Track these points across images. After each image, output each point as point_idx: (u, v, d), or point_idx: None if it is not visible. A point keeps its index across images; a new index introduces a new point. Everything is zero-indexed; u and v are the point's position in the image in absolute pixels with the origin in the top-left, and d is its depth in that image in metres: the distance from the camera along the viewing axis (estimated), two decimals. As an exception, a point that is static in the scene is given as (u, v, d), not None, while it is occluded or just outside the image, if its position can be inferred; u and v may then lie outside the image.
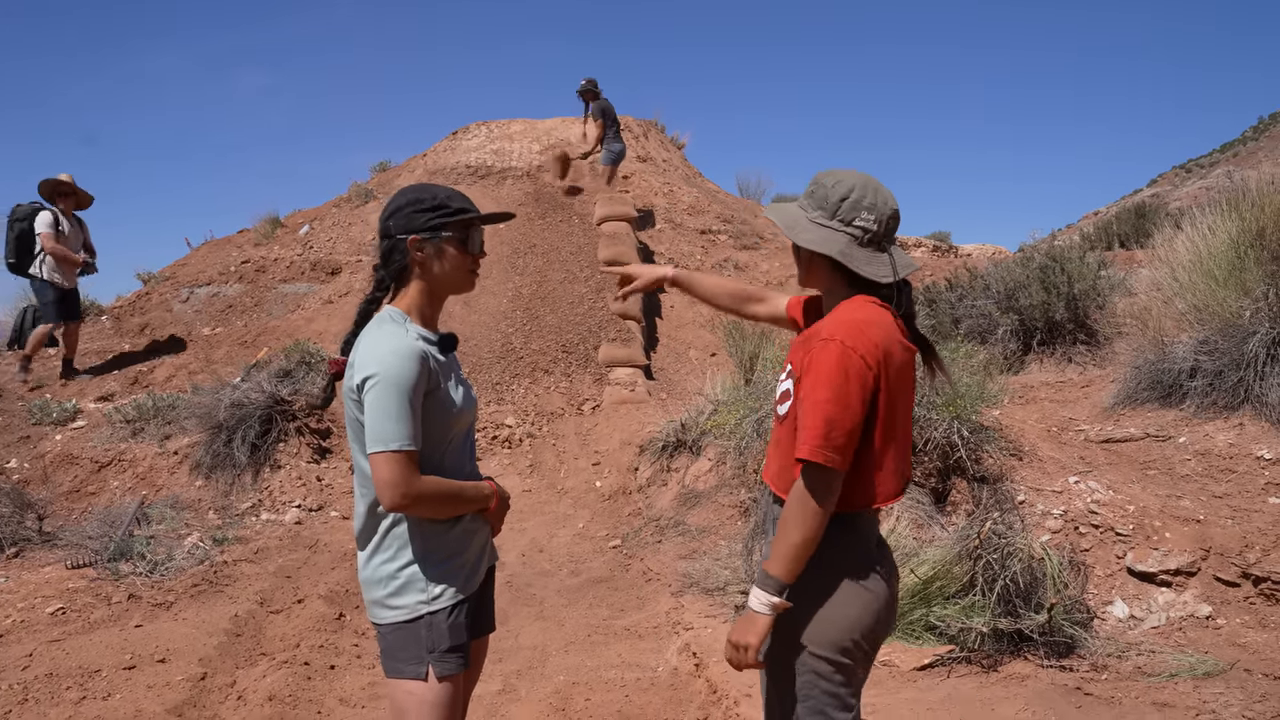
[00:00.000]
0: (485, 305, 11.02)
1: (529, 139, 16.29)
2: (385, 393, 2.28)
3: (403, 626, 2.40)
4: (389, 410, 2.28)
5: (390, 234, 2.46)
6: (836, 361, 2.19)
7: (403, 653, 2.40)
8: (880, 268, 2.34)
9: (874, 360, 2.21)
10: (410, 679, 2.39)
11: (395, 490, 2.28)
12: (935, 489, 5.60)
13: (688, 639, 4.75)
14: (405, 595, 2.40)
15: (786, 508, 2.23)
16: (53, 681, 4.39)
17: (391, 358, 2.31)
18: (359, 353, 2.37)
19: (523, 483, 8.22)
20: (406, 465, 2.29)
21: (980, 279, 9.31)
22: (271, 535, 6.95)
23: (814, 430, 2.17)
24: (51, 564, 6.15)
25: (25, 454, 8.10)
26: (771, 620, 2.25)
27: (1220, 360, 5.78)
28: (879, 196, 2.34)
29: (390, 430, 2.27)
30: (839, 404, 2.17)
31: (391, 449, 2.27)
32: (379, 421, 2.28)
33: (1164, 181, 68.63)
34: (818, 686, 2.31)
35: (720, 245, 13.77)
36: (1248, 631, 4.39)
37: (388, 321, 2.43)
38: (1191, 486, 5.30)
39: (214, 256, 13.83)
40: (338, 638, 5.13)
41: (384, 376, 2.29)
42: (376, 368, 2.30)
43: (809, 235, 2.37)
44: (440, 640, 2.39)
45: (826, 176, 2.40)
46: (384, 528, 2.42)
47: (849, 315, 2.29)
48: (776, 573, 2.22)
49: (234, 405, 7.93)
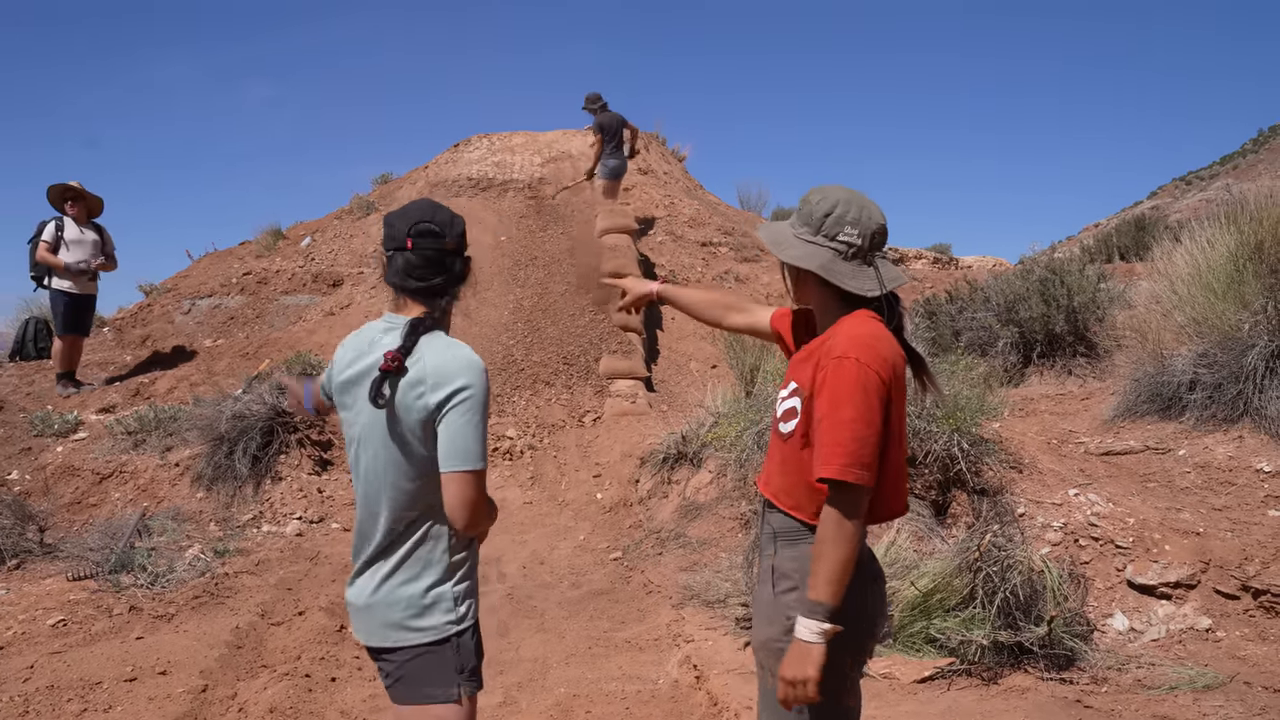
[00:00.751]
0: (486, 317, 11.05)
1: (530, 151, 16.33)
2: (476, 409, 2.27)
3: (430, 650, 2.35)
4: (478, 428, 2.26)
5: (462, 249, 2.47)
6: (855, 379, 2.21)
7: (430, 677, 2.35)
8: (865, 281, 2.37)
9: (886, 375, 2.24)
10: (442, 704, 2.34)
11: (477, 510, 2.28)
12: (935, 501, 5.61)
13: (689, 651, 4.76)
14: (431, 616, 2.35)
15: (821, 531, 2.22)
16: (54, 694, 4.40)
17: (481, 372, 2.29)
18: (431, 366, 2.30)
19: (524, 495, 8.22)
20: (478, 483, 2.28)
21: (980, 291, 9.34)
22: (273, 547, 6.96)
23: (842, 448, 2.17)
24: (53, 576, 6.16)
25: (27, 465, 8.12)
26: (825, 649, 2.19)
27: (1219, 373, 5.79)
28: (864, 212, 2.38)
29: (478, 449, 2.26)
30: (864, 421, 2.19)
31: (480, 468, 2.27)
32: (470, 439, 2.25)
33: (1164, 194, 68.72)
34: (825, 698, 2.33)
35: (721, 257, 13.80)
36: (1247, 644, 4.40)
37: (442, 335, 2.40)
38: (1191, 499, 5.31)
39: (216, 268, 13.87)
40: (339, 650, 5.13)
41: (478, 393, 2.27)
42: (468, 379, 2.27)
43: (793, 251, 2.41)
44: (468, 660, 2.37)
45: (814, 193, 2.44)
46: (408, 548, 2.37)
47: (856, 331, 2.31)
48: (824, 598, 2.18)
49: (235, 417, 7.94)
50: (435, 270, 2.42)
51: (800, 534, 2.39)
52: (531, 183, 15.25)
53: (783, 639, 2.34)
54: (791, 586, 2.37)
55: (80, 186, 9.78)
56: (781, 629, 2.35)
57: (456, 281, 2.46)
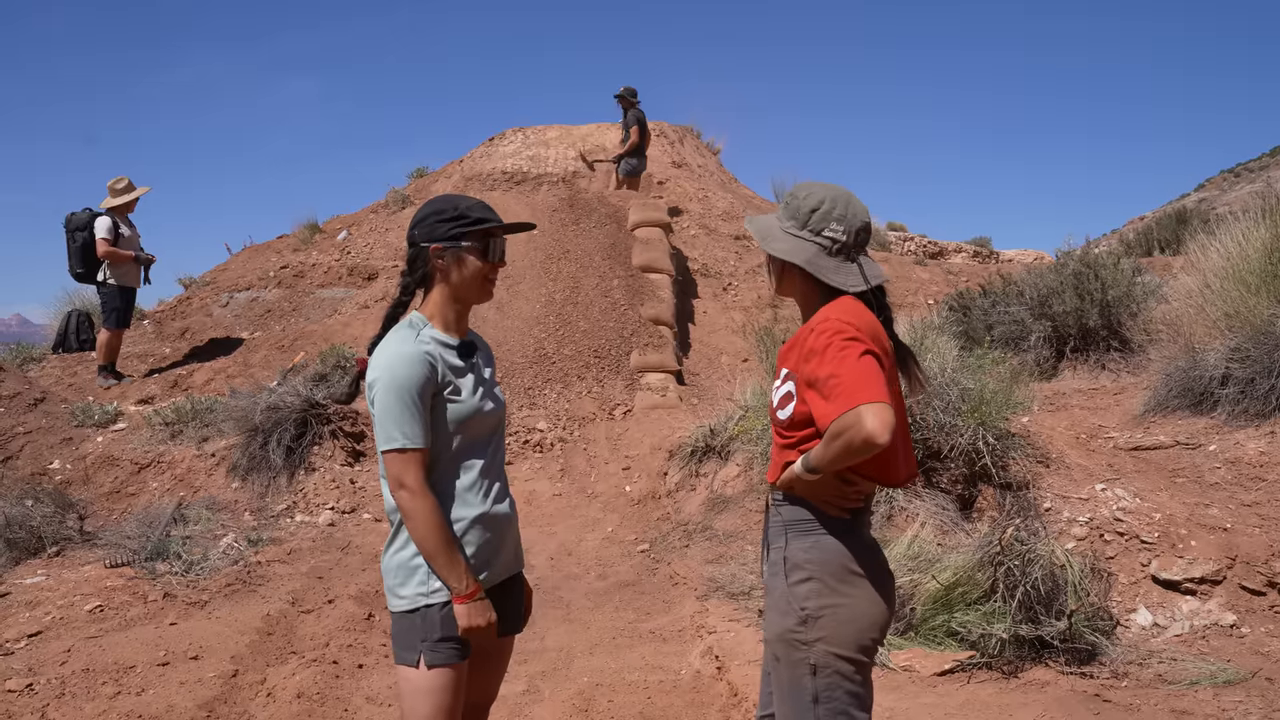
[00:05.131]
0: (518, 310, 11.11)
1: (564, 145, 16.39)
2: (385, 395, 2.44)
3: (405, 615, 2.53)
4: (390, 411, 2.44)
5: (415, 242, 2.59)
6: (837, 334, 2.26)
7: (402, 640, 2.54)
8: (849, 277, 2.42)
9: (867, 334, 2.28)
10: (406, 665, 2.53)
11: (393, 484, 2.46)
12: (961, 495, 5.60)
13: (711, 642, 4.79)
14: (408, 586, 2.53)
15: (835, 426, 2.20)
16: (89, 677, 4.51)
17: (394, 360, 2.46)
18: (373, 357, 2.52)
19: (553, 487, 8.28)
20: (402, 463, 2.44)
21: (1014, 285, 9.26)
22: (305, 537, 7.06)
23: (848, 387, 2.18)
24: (91, 563, 6.29)
25: (67, 455, 8.29)
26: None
27: (1252, 368, 5.73)
28: (849, 209, 2.42)
29: (389, 431, 2.44)
30: (852, 363, 2.21)
31: (390, 448, 2.44)
32: (381, 422, 2.45)
33: (1211, 186, 67.65)
34: (840, 688, 2.35)
35: (754, 251, 13.77)
36: (1272, 640, 4.36)
37: (404, 326, 2.57)
38: (1220, 495, 5.26)
39: (253, 262, 14.05)
40: (366, 637, 5.21)
41: (384, 379, 2.45)
42: (378, 371, 2.47)
43: (779, 245, 2.47)
44: (431, 631, 2.50)
45: (800, 188, 2.48)
46: (398, 520, 2.54)
47: (835, 306, 2.38)
48: (813, 462, 2.29)
49: (270, 409, 8.06)
50: (410, 267, 2.63)
51: (811, 524, 2.41)
52: (566, 176, 15.30)
53: (799, 630, 2.37)
54: (805, 577, 2.39)
55: (130, 184, 10.01)
56: (797, 619, 2.37)
57: (412, 272, 2.64)
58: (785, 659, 2.41)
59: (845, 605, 2.36)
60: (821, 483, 2.35)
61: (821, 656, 2.35)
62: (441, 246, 2.56)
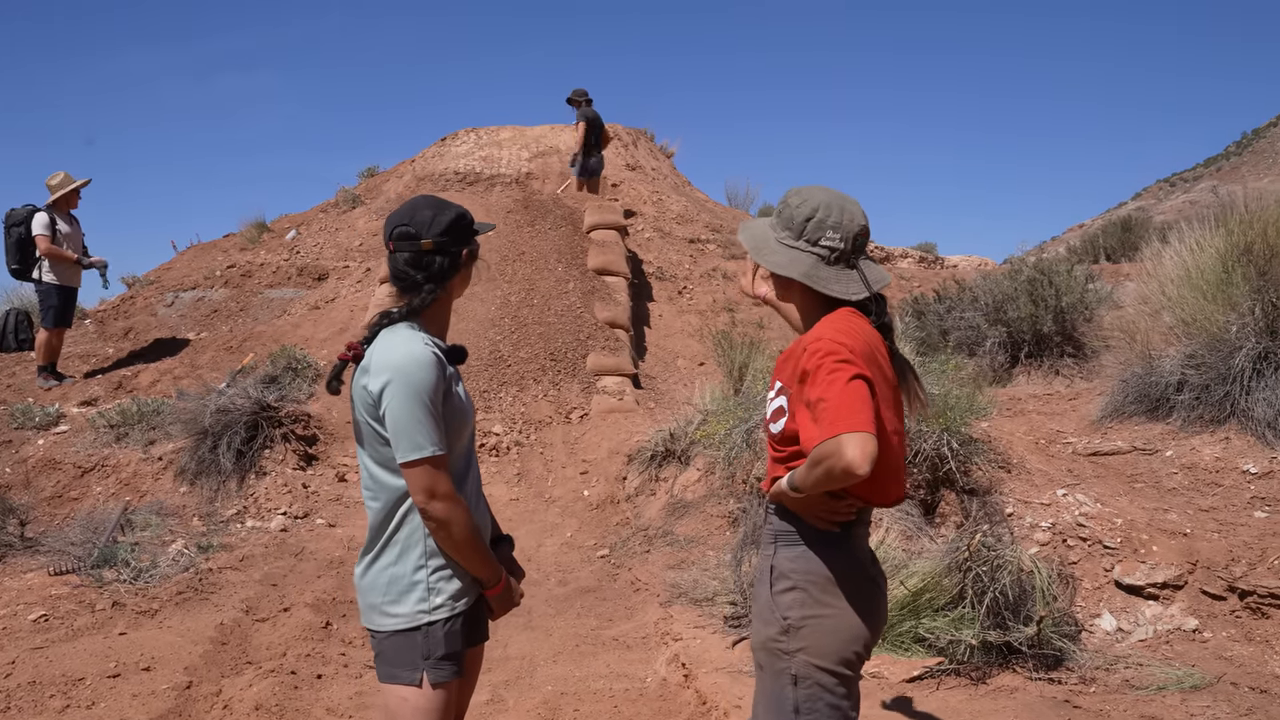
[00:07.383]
0: (473, 313, 10.99)
1: (518, 146, 16.28)
2: (408, 401, 2.34)
3: (401, 634, 2.44)
4: (415, 418, 2.34)
5: (445, 248, 2.54)
6: (828, 354, 2.22)
7: (399, 659, 2.44)
8: (849, 285, 2.37)
9: (861, 355, 2.24)
10: (404, 685, 2.43)
11: (432, 497, 2.35)
12: (924, 500, 5.61)
13: (676, 650, 4.74)
14: (404, 603, 2.44)
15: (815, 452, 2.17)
16: (36, 690, 4.35)
17: (408, 363, 2.37)
18: (374, 358, 2.41)
19: (510, 491, 8.19)
20: (433, 471, 2.36)
21: (968, 291, 9.36)
22: (257, 543, 6.90)
23: (833, 414, 2.14)
24: (34, 570, 6.10)
25: (7, 459, 8.04)
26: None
27: (1207, 374, 5.81)
28: (845, 215, 2.37)
29: (419, 438, 2.34)
30: (839, 388, 2.17)
31: (420, 457, 2.34)
32: (406, 430, 2.34)
33: (1148, 195, 69.17)
34: (822, 700, 2.33)
35: (709, 254, 13.79)
36: (1234, 645, 4.41)
37: (404, 327, 2.49)
38: (1178, 500, 5.32)
39: (199, 261, 13.77)
40: (324, 646, 5.09)
41: (400, 384, 2.34)
42: (391, 374, 2.35)
43: (775, 258, 2.43)
44: (435, 648, 2.43)
45: (793, 195, 2.44)
46: (389, 533, 2.46)
47: (831, 323, 2.34)
48: (796, 482, 2.27)
49: (219, 411, 7.87)
50: (415, 268, 2.53)
51: (800, 535, 2.39)
52: (519, 178, 15.19)
53: (780, 639, 2.34)
54: (789, 587, 2.37)
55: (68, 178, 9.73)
56: (779, 629, 2.35)
57: (439, 277, 2.55)
58: (768, 668, 2.40)
59: (828, 617, 2.33)
60: (810, 498, 2.31)
61: (802, 667, 2.32)
62: (468, 250, 2.59)
